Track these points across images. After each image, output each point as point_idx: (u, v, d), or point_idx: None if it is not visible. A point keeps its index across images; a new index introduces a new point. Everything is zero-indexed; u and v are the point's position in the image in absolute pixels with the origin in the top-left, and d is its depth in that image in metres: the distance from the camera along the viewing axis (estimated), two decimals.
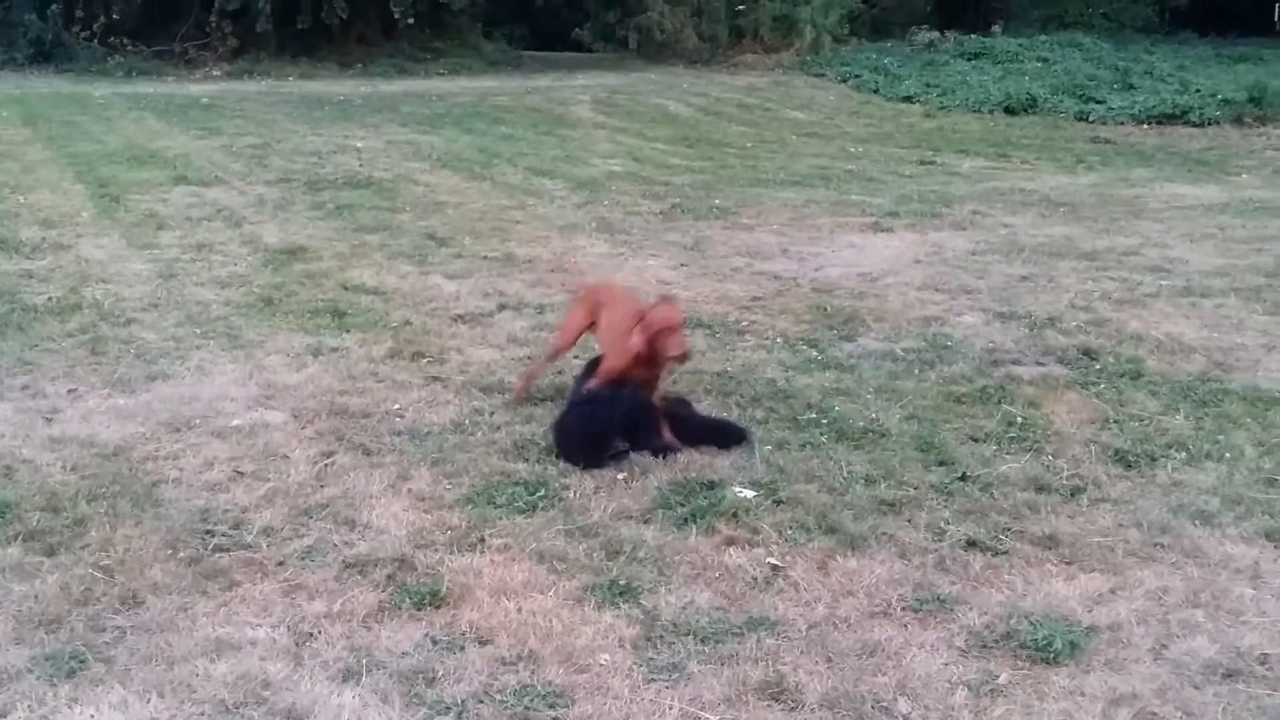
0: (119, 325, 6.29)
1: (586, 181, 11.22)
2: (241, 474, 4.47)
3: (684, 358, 4.82)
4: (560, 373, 5.51)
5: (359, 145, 13.15)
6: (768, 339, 6.26)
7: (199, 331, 6.22)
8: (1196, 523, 4.17)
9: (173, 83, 20.72)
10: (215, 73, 22.19)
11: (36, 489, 4.27)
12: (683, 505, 4.24)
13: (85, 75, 21.18)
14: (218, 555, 3.84)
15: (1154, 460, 4.71)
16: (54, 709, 3.04)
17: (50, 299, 6.73)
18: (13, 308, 6.52)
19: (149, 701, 3.07)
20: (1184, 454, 4.77)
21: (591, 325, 5.22)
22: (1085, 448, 4.83)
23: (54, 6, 21.75)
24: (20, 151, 12.15)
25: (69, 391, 5.33)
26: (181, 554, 3.84)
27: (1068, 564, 3.88)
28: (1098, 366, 5.85)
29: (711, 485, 4.41)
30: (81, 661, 3.24)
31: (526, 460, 4.64)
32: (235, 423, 4.98)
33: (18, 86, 18.77)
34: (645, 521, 4.15)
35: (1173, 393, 5.47)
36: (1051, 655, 3.32)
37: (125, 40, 22.62)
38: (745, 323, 6.55)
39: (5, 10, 21.72)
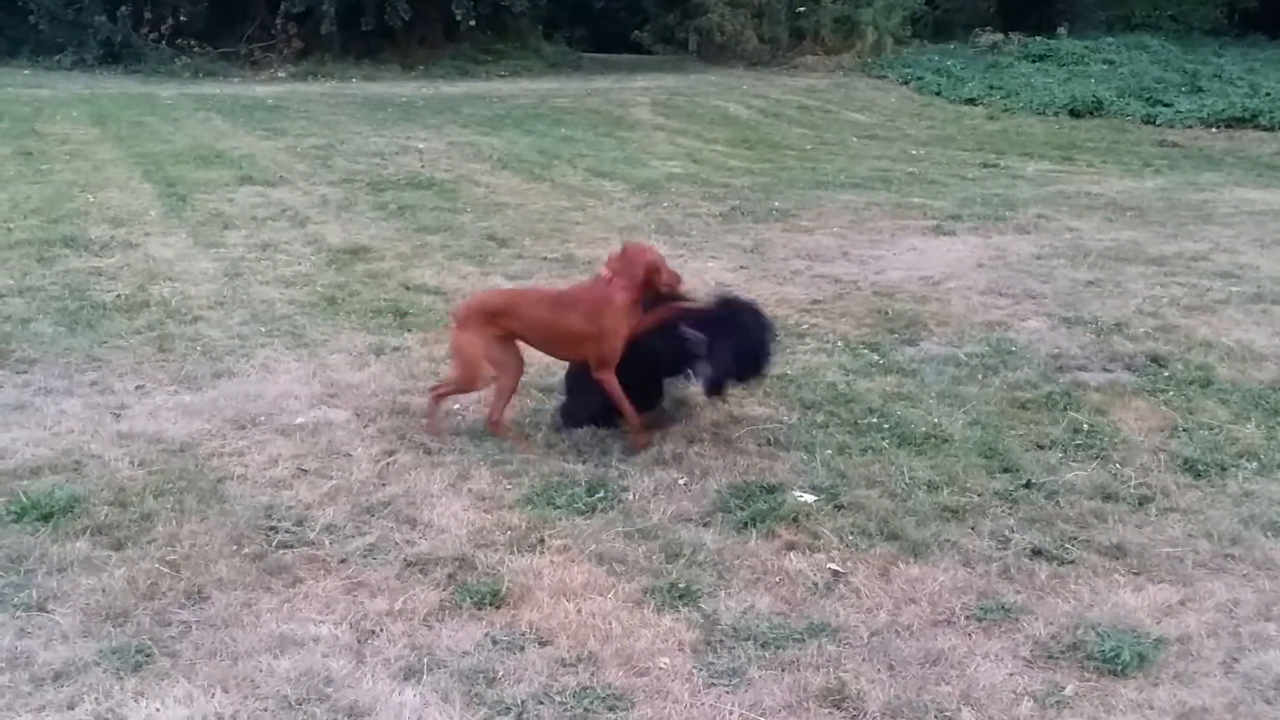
0: (186, 323, 6.38)
1: (646, 183, 11.22)
2: (305, 471, 4.51)
3: (678, 284, 4.84)
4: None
5: (421, 146, 13.25)
6: (828, 342, 6.22)
7: (264, 330, 6.29)
8: (1268, 534, 4.08)
9: (238, 84, 21.01)
10: (280, 74, 22.47)
11: (105, 484, 4.34)
12: (742, 509, 4.22)
13: (153, 76, 21.54)
14: (281, 552, 3.88)
15: (1224, 470, 4.62)
16: (120, 702, 3.09)
17: (119, 296, 6.83)
18: (82, 305, 6.64)
19: (213, 696, 3.10)
20: (1255, 463, 4.68)
21: (507, 338, 4.84)
22: (1154, 456, 4.75)
23: (123, 8, 22.13)
24: (90, 151, 12.37)
25: (137, 388, 5.41)
26: (246, 550, 3.88)
27: (1136, 574, 3.81)
28: (1166, 374, 5.75)
29: (772, 489, 4.38)
30: (147, 655, 3.28)
31: (585, 461, 4.64)
32: (299, 420, 5.03)
33: (87, 87, 19.11)
34: (705, 524, 4.13)
35: (1243, 401, 5.37)
36: (1119, 667, 3.27)
37: (192, 42, 22.97)
38: (805, 325, 6.52)
39: (76, 12, 22.11)
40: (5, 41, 22.72)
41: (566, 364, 5.11)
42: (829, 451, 4.73)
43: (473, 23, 23.61)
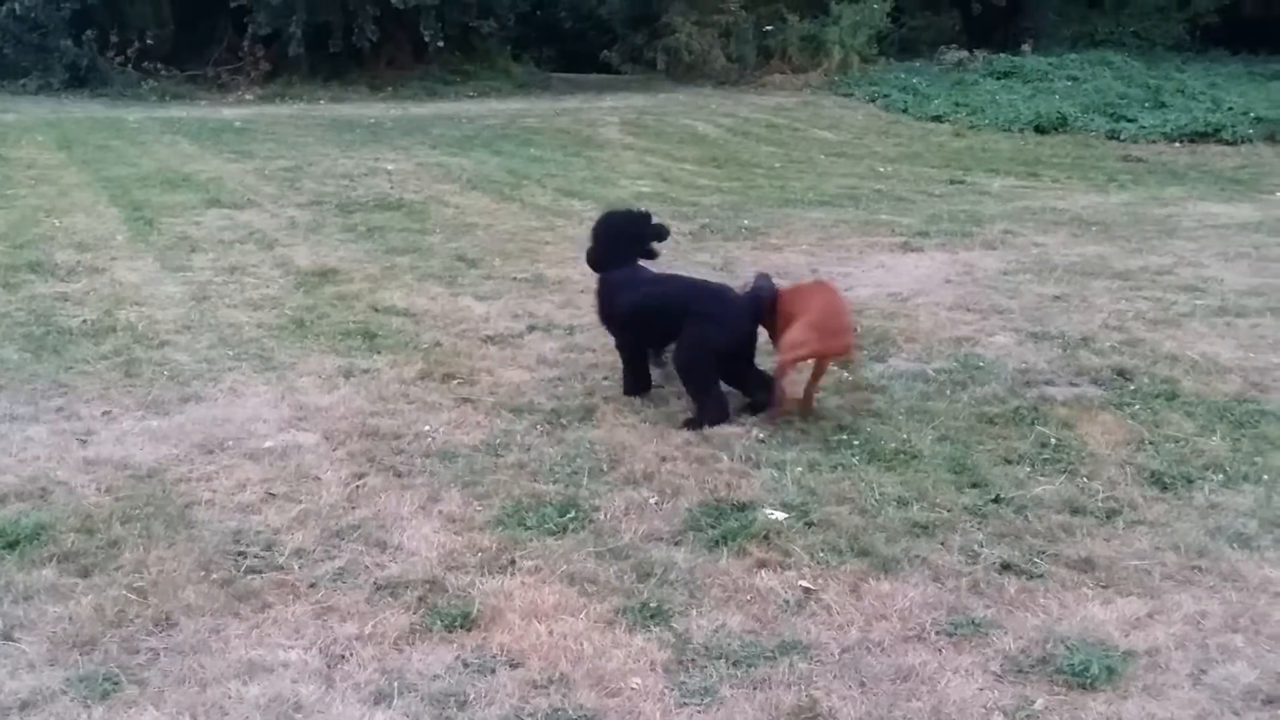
0: (153, 347, 6.34)
1: (615, 202, 11.23)
2: (274, 495, 4.49)
3: None
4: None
5: (389, 168, 13.24)
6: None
7: (231, 353, 6.26)
8: (1235, 545, 4.12)
9: (206, 106, 20.94)
10: (248, 96, 22.41)
11: (71, 510, 4.30)
12: (714, 527, 4.23)
13: (120, 99, 21.43)
14: (250, 577, 3.86)
15: (1191, 482, 4.66)
16: None
17: (85, 321, 6.79)
18: (48, 330, 6.58)
19: None
20: (1221, 476, 4.72)
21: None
22: (1121, 469, 4.79)
23: (89, 32, 22.01)
24: (56, 175, 12.29)
25: (103, 413, 5.37)
26: (214, 575, 3.85)
27: (1104, 587, 3.84)
28: (1132, 387, 5.80)
29: (743, 507, 4.39)
30: (115, 683, 3.25)
31: (556, 482, 4.64)
32: (267, 444, 5.01)
33: (53, 111, 19.01)
34: (676, 543, 4.14)
35: (1209, 414, 5.42)
36: (1088, 680, 3.29)
37: (159, 65, 22.88)
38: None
39: (41, 36, 21.97)
40: None
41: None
42: (799, 469, 4.75)
43: (441, 44, 23.64)
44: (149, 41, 22.59)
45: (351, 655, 3.42)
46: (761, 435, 5.13)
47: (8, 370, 5.89)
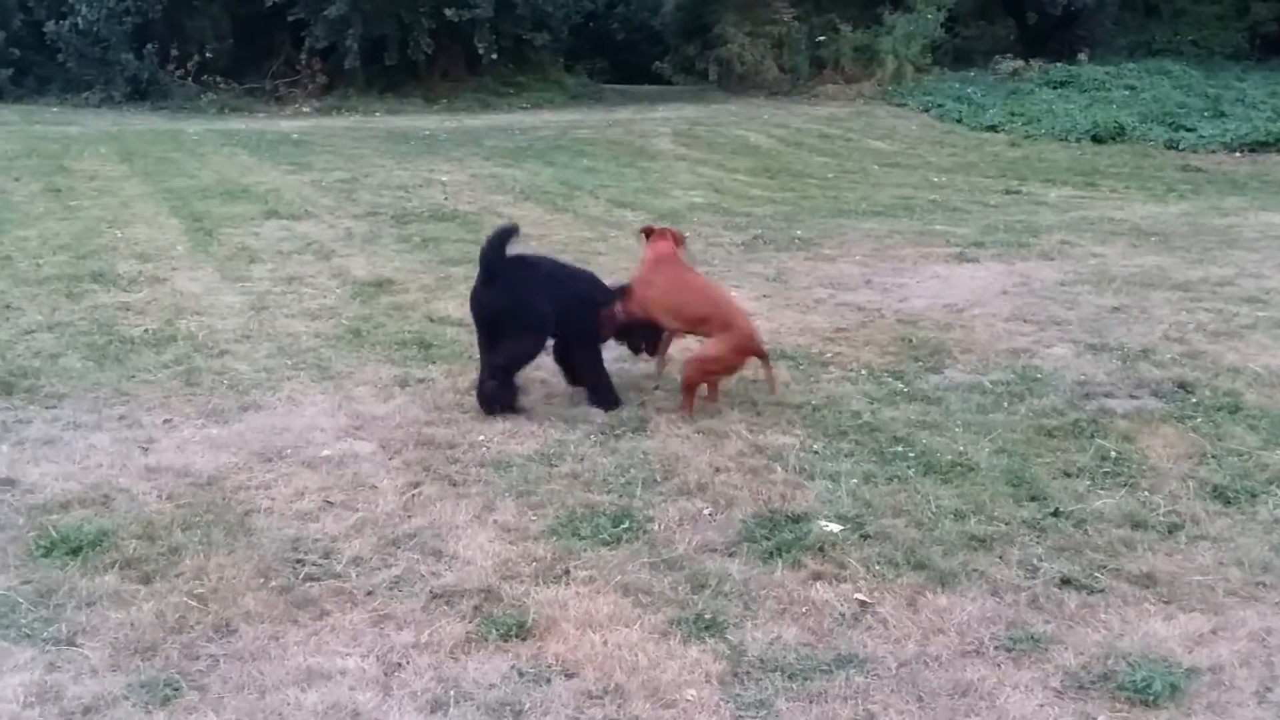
0: (213, 356, 6.43)
1: (668, 213, 11.25)
2: (331, 504, 4.53)
3: None
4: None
5: (444, 179, 13.34)
6: (852, 371, 6.21)
7: (290, 363, 6.33)
8: None
9: (264, 119, 21.21)
10: (305, 109, 22.68)
11: (133, 518, 4.37)
12: (768, 539, 4.21)
13: (180, 112, 21.77)
14: (308, 584, 3.89)
15: (1254, 496, 4.58)
16: None
17: (146, 331, 6.89)
18: (110, 339, 6.69)
19: None
20: None
21: None
22: (1182, 483, 4.71)
23: (150, 46, 22.40)
24: (118, 187, 12.50)
25: (164, 422, 5.44)
26: (273, 583, 3.89)
27: (1166, 603, 3.78)
28: (1194, 400, 5.71)
29: (797, 519, 4.37)
30: (176, 689, 3.29)
31: (610, 492, 4.64)
32: (325, 453, 5.06)
33: (115, 124, 19.34)
34: (730, 555, 4.12)
35: (1272, 426, 5.33)
36: (1151, 697, 3.24)
37: (218, 78, 23.23)
38: (829, 354, 6.51)
39: (104, 50, 22.38)
40: (34, 80, 23.02)
41: None
42: (855, 481, 4.72)
43: (495, 56, 23.79)
44: (208, 55, 22.97)
45: (408, 663, 3.44)
46: (816, 447, 5.10)
47: (71, 379, 5.99)
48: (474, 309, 5.68)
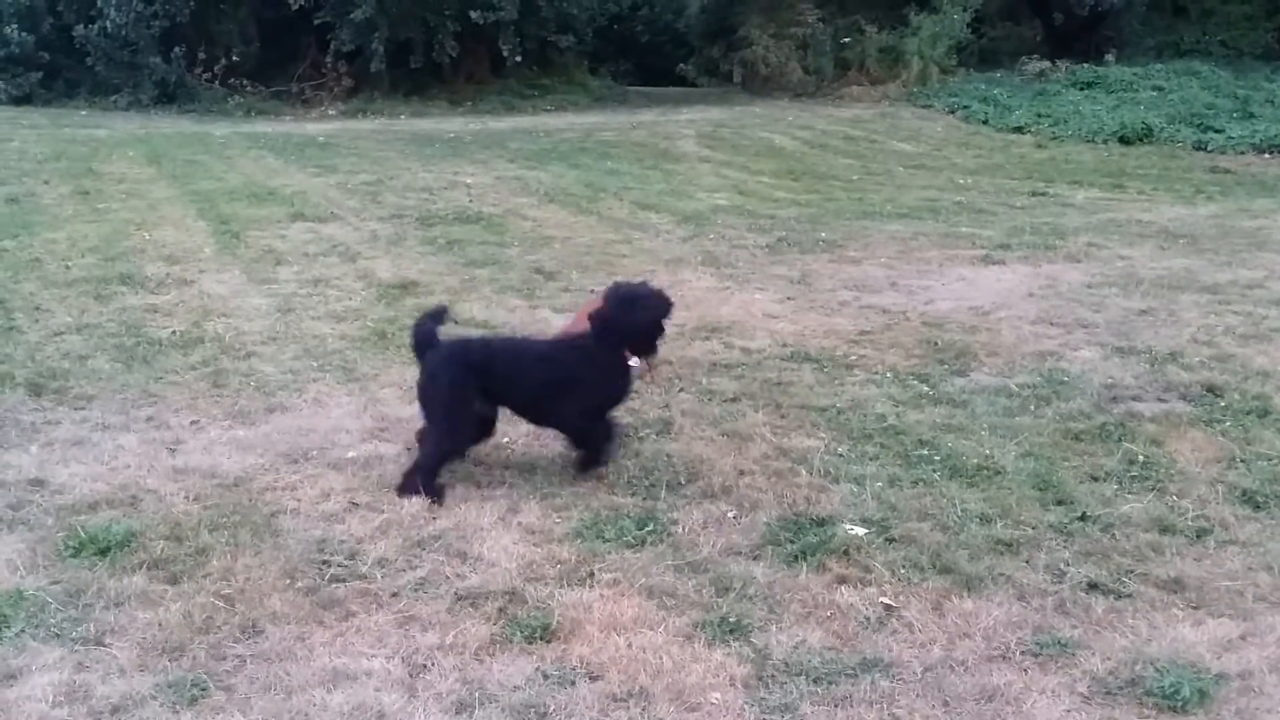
0: (239, 358, 6.46)
1: (692, 215, 11.25)
2: (357, 505, 4.55)
3: None
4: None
5: (469, 181, 13.37)
6: (877, 373, 6.19)
7: (315, 365, 6.36)
8: None
9: (290, 122, 21.32)
10: (331, 112, 22.79)
11: (160, 518, 4.40)
12: (793, 542, 4.20)
13: (207, 115, 21.92)
14: (334, 585, 3.91)
15: None
16: None
17: (174, 333, 6.94)
18: (138, 341, 6.74)
19: None
20: None
21: None
22: (1211, 488, 4.68)
23: (177, 49, 22.56)
24: (145, 189, 12.58)
25: (191, 423, 5.48)
26: (299, 584, 3.91)
27: (1195, 608, 3.75)
28: (1222, 403, 5.67)
29: (822, 522, 4.36)
30: (203, 689, 3.31)
31: (634, 494, 4.64)
32: (351, 454, 5.08)
33: (143, 126, 19.47)
34: (755, 558, 4.12)
35: None
36: (1179, 704, 3.22)
37: (245, 81, 23.39)
38: (854, 357, 6.49)
39: (132, 54, 22.55)
40: (63, 83, 23.22)
41: None
42: (880, 484, 4.71)
43: (519, 58, 23.85)
44: (235, 59, 23.12)
45: (433, 665, 3.45)
46: (841, 450, 5.09)
47: (100, 380, 6.04)
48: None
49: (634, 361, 4.84)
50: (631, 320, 4.74)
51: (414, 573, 4.01)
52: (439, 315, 5.00)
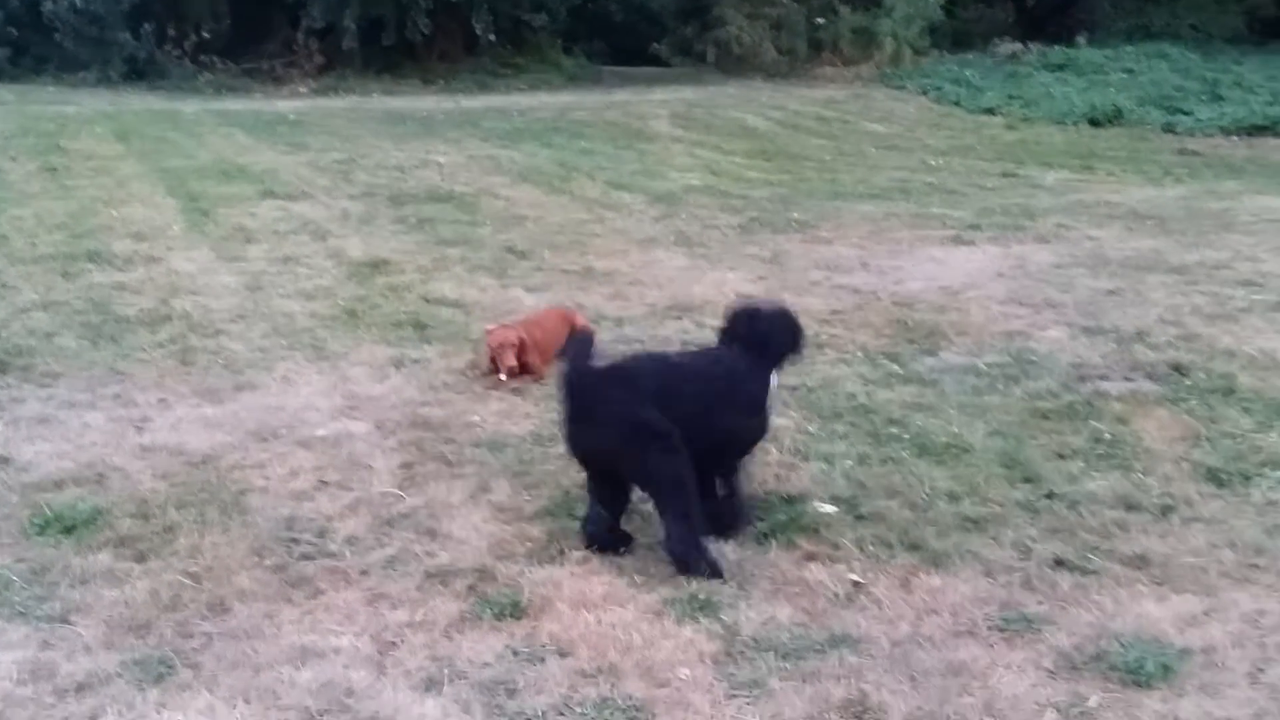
0: (208, 336, 6.42)
1: (664, 195, 11.23)
2: (326, 483, 4.53)
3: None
4: None
5: (441, 160, 13.30)
6: (848, 353, 6.21)
7: (285, 343, 6.32)
8: None
9: (261, 99, 21.14)
10: (302, 89, 22.61)
11: (127, 496, 4.37)
12: (762, 520, 4.21)
13: (176, 92, 21.69)
14: (303, 563, 3.90)
15: (1248, 479, 4.59)
16: (142, 713, 3.11)
17: (141, 310, 6.88)
18: (105, 318, 6.68)
19: (235, 708, 3.12)
20: (1279, 473, 4.64)
21: None
22: (1176, 465, 4.72)
23: (147, 25, 22.33)
24: (114, 166, 12.46)
25: (159, 401, 5.44)
26: (267, 562, 3.90)
27: (1159, 584, 3.79)
28: (1188, 382, 5.71)
29: (792, 500, 4.38)
30: (170, 667, 3.30)
31: None
32: (320, 433, 5.05)
33: (112, 103, 19.26)
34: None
35: (1266, 410, 5.33)
36: (1144, 678, 3.25)
37: (215, 58, 23.17)
38: (825, 336, 6.50)
39: (100, 29, 22.29)
40: (30, 59, 22.94)
41: None
42: (849, 462, 4.73)
43: (492, 37, 23.75)
44: (205, 35, 22.91)
45: (402, 642, 3.44)
46: (811, 428, 5.11)
47: (66, 358, 5.99)
48: None
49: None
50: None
51: (383, 550, 4.00)
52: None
